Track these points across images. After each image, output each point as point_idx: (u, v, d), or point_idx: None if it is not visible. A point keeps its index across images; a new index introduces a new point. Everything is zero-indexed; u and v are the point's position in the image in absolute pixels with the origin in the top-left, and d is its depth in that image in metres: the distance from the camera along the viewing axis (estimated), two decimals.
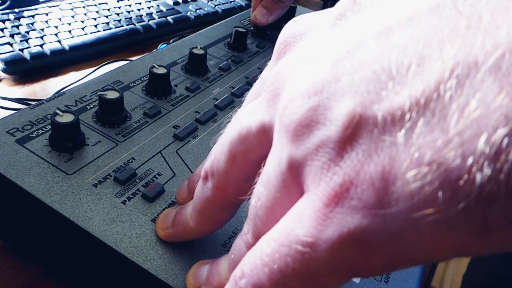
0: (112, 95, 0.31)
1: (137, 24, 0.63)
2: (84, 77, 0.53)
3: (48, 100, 0.32)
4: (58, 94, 0.33)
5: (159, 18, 0.66)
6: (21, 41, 0.54)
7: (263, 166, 0.17)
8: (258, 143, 0.18)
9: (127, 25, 0.62)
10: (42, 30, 0.57)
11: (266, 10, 0.53)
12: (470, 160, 0.10)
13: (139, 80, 0.38)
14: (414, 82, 0.11)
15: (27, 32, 0.55)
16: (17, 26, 0.56)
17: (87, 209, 0.25)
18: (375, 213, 0.12)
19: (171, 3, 0.72)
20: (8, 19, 0.57)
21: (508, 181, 0.10)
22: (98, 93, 0.32)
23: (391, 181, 0.11)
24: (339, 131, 0.13)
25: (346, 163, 0.12)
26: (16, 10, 0.59)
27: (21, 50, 0.52)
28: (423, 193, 0.11)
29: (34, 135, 0.29)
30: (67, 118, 0.28)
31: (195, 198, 0.22)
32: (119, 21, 0.63)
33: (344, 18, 0.15)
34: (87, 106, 0.33)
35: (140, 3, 0.70)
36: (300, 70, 0.15)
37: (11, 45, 0.53)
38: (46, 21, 0.59)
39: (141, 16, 0.66)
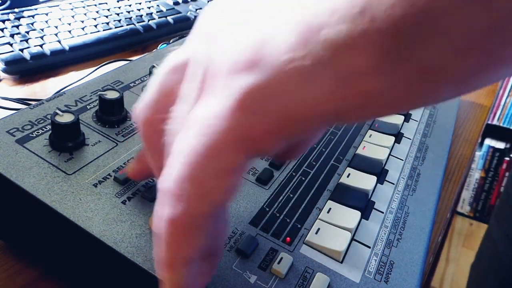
0: (112, 95, 0.31)
1: (137, 24, 0.63)
2: (84, 77, 0.53)
3: (48, 100, 0.32)
4: (58, 94, 0.33)
5: (159, 18, 0.66)
6: (21, 41, 0.54)
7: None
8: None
9: (127, 25, 0.62)
10: (42, 30, 0.57)
11: None
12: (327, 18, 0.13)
13: (139, 80, 0.38)
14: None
15: (27, 32, 0.55)
16: (17, 26, 0.56)
17: (87, 209, 0.25)
18: (252, 66, 0.15)
19: (171, 3, 0.72)
20: (8, 19, 0.57)
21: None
22: (98, 93, 0.32)
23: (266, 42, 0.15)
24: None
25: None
26: (16, 10, 0.59)
27: (21, 50, 0.52)
28: (288, 43, 0.14)
29: (34, 135, 0.29)
30: (67, 118, 0.28)
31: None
32: (119, 21, 0.63)
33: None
34: (87, 106, 0.33)
35: (140, 3, 0.70)
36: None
37: (11, 45, 0.53)
38: (46, 21, 0.59)
39: (141, 16, 0.66)
